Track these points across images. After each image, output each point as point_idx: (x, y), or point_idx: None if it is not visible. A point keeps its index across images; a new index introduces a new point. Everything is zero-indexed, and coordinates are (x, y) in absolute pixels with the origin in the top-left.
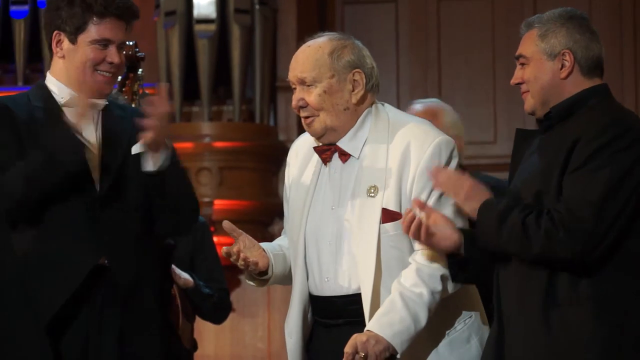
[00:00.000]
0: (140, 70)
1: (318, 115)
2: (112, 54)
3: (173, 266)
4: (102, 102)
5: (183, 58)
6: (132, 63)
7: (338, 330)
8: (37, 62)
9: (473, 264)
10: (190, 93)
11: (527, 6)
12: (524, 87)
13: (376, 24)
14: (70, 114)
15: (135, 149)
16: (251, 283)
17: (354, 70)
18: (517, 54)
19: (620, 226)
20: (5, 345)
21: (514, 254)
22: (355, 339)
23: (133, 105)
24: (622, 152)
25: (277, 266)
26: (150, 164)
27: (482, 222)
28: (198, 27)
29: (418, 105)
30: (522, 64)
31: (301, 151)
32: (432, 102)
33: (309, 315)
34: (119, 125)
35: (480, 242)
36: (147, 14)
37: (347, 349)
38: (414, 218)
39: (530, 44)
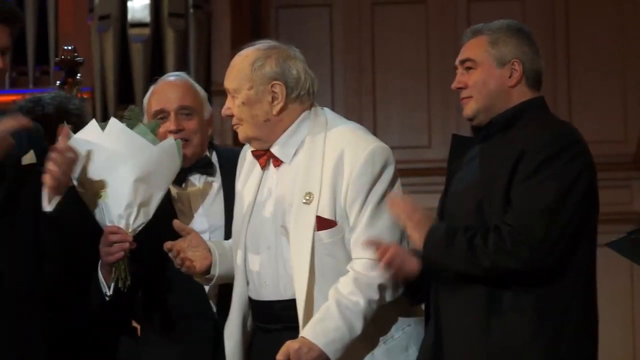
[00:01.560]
0: (78, 75)
1: (241, 125)
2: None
3: None
4: None
5: (118, 62)
6: (70, 68)
7: (277, 334)
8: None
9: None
10: (124, 97)
11: (460, 11)
12: (465, 93)
13: (311, 29)
14: None
15: (25, 160)
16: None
17: (273, 82)
18: (462, 58)
19: (569, 235)
20: None
21: (463, 272)
22: (288, 346)
23: (48, 100)
24: (570, 162)
25: (223, 266)
26: (47, 204)
27: (429, 248)
28: (132, 31)
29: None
30: (468, 68)
31: (249, 156)
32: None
33: (249, 319)
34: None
35: (428, 266)
36: (81, 18)
37: (280, 356)
38: (393, 253)
39: (479, 50)
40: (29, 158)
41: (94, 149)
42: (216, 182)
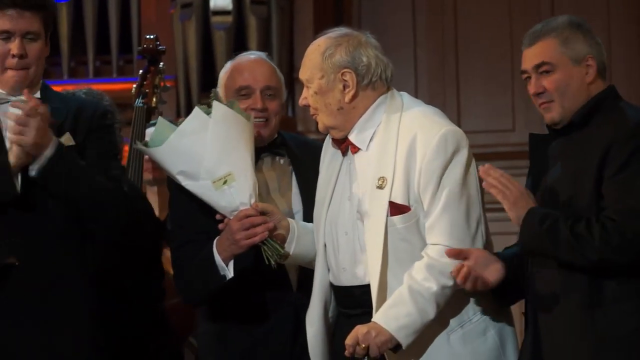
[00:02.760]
0: (161, 63)
1: (318, 114)
2: (14, 46)
3: None
4: (21, 98)
5: (200, 50)
6: (153, 56)
7: (357, 320)
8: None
9: (514, 284)
10: (207, 85)
11: None
12: (546, 97)
13: (393, 13)
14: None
15: (63, 141)
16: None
17: (343, 70)
18: (536, 62)
19: None
20: None
21: (564, 260)
22: (357, 331)
23: (83, 95)
24: None
25: (300, 246)
26: (33, 168)
27: (528, 230)
28: (215, 19)
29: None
30: (546, 72)
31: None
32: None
33: (331, 305)
34: (51, 119)
35: (525, 249)
36: (164, 7)
37: (348, 340)
38: (467, 272)
39: (552, 51)
40: (64, 139)
41: (207, 136)
42: (289, 165)
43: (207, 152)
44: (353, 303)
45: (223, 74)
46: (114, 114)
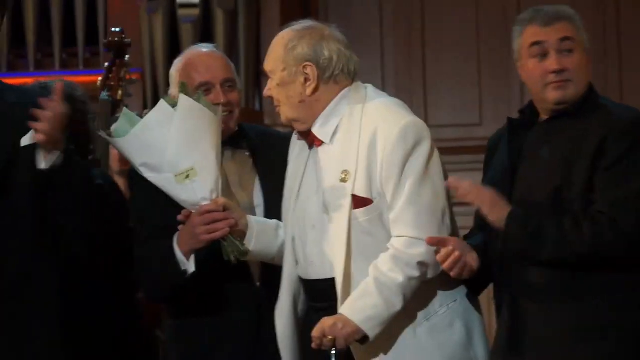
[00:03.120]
0: (127, 56)
1: (280, 106)
2: None
3: None
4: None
5: (167, 43)
6: (118, 49)
7: (326, 313)
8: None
9: (484, 272)
10: None
11: None
12: (565, 76)
13: (360, 6)
14: None
15: (25, 141)
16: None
17: (305, 64)
18: (562, 36)
19: None
20: None
21: (550, 258)
22: (323, 323)
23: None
24: None
25: (260, 243)
26: (42, 161)
27: (512, 236)
28: (181, 12)
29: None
30: (568, 51)
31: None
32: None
33: (300, 299)
34: (7, 114)
35: (510, 252)
36: None
37: (315, 333)
38: (458, 256)
39: (573, 33)
40: (29, 138)
41: (171, 129)
42: (250, 158)
43: (170, 145)
44: (321, 296)
45: (176, 72)
46: (85, 105)
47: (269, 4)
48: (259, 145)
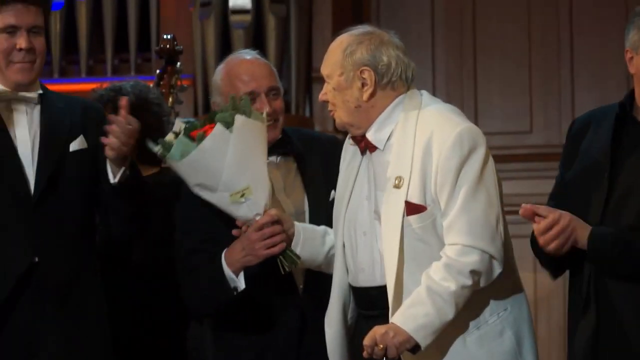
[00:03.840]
0: (178, 63)
1: (335, 110)
2: (21, 40)
3: None
4: (32, 95)
5: (219, 49)
6: (170, 56)
7: (376, 321)
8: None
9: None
10: None
11: None
12: None
13: (412, 13)
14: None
15: (74, 146)
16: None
17: (362, 68)
18: None
19: None
20: None
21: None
22: (375, 331)
23: (129, 88)
24: None
25: (307, 250)
26: (111, 176)
27: (600, 257)
28: (234, 18)
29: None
30: None
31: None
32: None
33: (350, 306)
34: (58, 119)
35: (601, 268)
36: (183, 5)
37: (366, 341)
38: (555, 224)
39: None
40: (78, 143)
41: (227, 151)
42: (294, 163)
43: (226, 167)
44: (371, 304)
45: (219, 80)
46: (160, 107)
47: (321, 10)
48: (303, 151)
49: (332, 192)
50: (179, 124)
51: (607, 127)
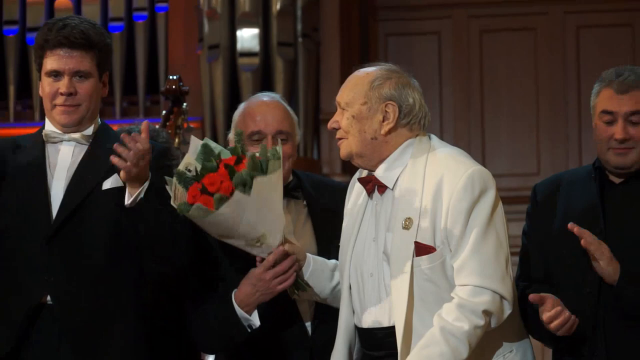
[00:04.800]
0: (184, 104)
1: (346, 139)
2: (63, 84)
3: None
4: (77, 135)
5: (227, 91)
6: (176, 97)
7: None
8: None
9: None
10: None
11: (569, 37)
12: (628, 144)
13: (419, 55)
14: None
15: (107, 185)
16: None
17: (388, 102)
18: (631, 110)
19: None
20: None
21: None
22: None
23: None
24: None
25: (312, 281)
26: (126, 198)
27: (626, 284)
28: (241, 61)
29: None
30: (635, 123)
31: (357, 184)
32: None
33: (357, 346)
34: (100, 158)
35: (619, 302)
36: (191, 48)
37: None
38: (561, 314)
39: None
40: (111, 182)
41: (246, 210)
42: (305, 207)
43: (243, 222)
44: (377, 345)
45: (237, 116)
46: (171, 151)
47: (329, 54)
48: (314, 195)
49: (105, 183)
50: (194, 144)
51: (587, 189)
